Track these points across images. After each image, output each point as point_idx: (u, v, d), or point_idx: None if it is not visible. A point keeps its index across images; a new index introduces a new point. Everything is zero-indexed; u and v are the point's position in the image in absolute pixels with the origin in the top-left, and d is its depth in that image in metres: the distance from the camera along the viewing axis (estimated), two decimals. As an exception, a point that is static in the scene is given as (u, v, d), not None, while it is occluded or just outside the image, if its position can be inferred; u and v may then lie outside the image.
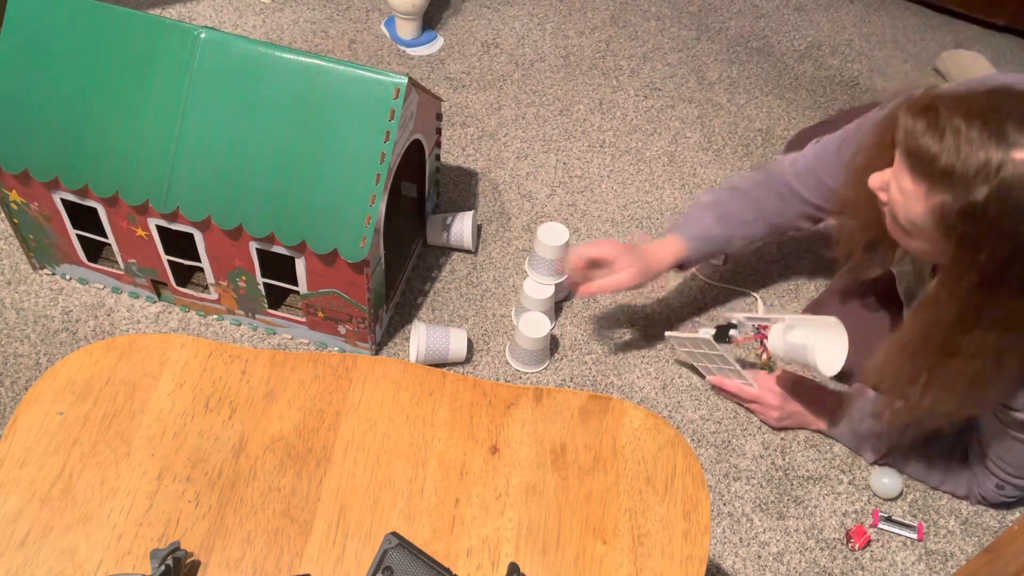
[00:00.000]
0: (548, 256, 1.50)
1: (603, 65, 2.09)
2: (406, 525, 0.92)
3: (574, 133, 1.93)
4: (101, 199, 1.35)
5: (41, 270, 1.57)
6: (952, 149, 0.94)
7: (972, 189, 0.94)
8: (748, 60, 2.15)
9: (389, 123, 1.25)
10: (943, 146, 0.95)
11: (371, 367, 1.04)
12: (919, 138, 0.97)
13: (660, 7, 2.26)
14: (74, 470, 0.92)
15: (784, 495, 1.41)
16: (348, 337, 1.48)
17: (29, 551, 0.87)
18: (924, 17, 2.35)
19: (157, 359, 1.01)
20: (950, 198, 0.96)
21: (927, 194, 0.99)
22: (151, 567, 0.84)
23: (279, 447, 0.97)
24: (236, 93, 1.27)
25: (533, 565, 0.90)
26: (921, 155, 0.97)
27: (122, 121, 1.30)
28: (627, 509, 0.94)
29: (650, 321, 1.62)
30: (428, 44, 2.07)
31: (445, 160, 1.84)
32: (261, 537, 0.90)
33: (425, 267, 1.66)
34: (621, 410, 1.02)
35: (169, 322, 1.53)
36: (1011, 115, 0.93)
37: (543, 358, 1.53)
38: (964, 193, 0.95)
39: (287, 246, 1.31)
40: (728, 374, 1.46)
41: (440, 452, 0.98)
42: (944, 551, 1.37)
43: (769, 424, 1.47)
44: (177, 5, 2.09)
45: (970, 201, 0.94)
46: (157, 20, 1.29)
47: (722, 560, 1.34)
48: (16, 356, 1.46)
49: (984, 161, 0.92)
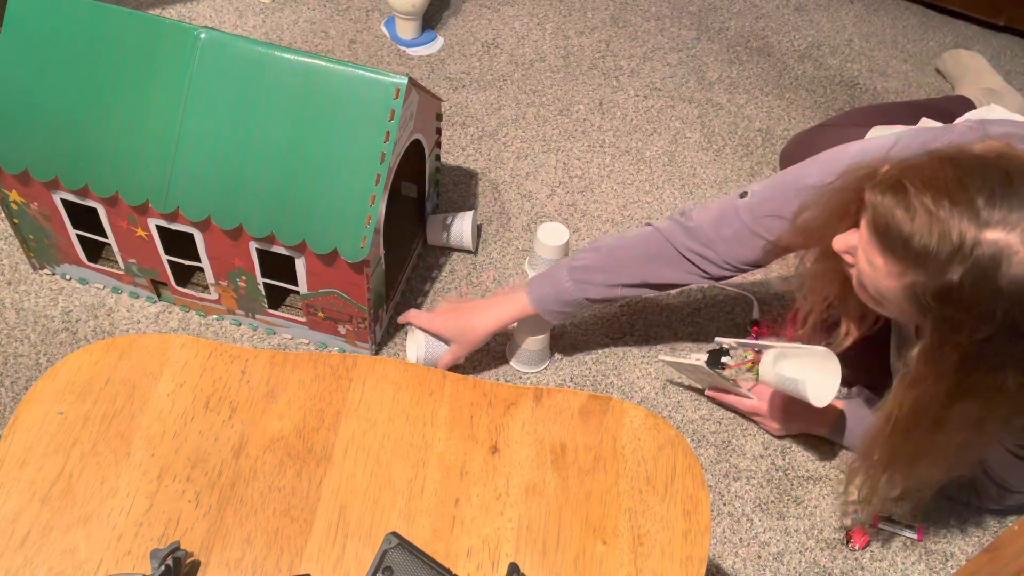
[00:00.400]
0: (548, 256, 1.50)
1: (603, 65, 2.09)
2: (406, 525, 0.92)
3: (574, 133, 1.93)
4: (101, 199, 1.35)
5: (41, 270, 1.57)
6: (925, 230, 0.93)
7: (947, 270, 0.92)
8: (748, 60, 2.15)
9: (389, 123, 1.25)
10: (914, 227, 0.93)
11: (371, 367, 1.04)
12: (889, 218, 0.96)
13: (660, 7, 2.26)
14: (74, 470, 0.92)
15: (784, 495, 1.41)
16: (348, 337, 1.48)
17: (29, 551, 0.87)
18: (924, 17, 2.35)
19: (157, 359, 1.01)
20: (924, 278, 0.95)
21: (900, 273, 0.97)
22: (151, 567, 0.84)
23: (279, 447, 0.97)
24: (236, 93, 1.27)
25: (533, 565, 0.90)
26: (892, 235, 0.96)
27: (122, 121, 1.30)
28: (627, 509, 0.94)
29: (650, 322, 1.62)
30: (428, 44, 2.07)
31: (445, 160, 1.84)
32: (261, 537, 0.90)
33: (425, 267, 1.66)
34: (621, 410, 1.02)
35: (169, 322, 1.53)
36: (980, 190, 0.91)
37: (543, 358, 1.53)
38: (939, 274, 0.93)
39: (287, 246, 1.31)
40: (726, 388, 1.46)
41: (440, 452, 0.98)
42: (944, 551, 1.37)
43: (771, 434, 1.47)
44: (177, 5, 2.09)
45: (945, 281, 0.93)
46: (157, 20, 1.29)
47: (722, 560, 1.34)
48: (16, 356, 1.46)
49: (958, 242, 0.91)
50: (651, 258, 1.32)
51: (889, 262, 0.98)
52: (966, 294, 0.92)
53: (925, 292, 0.95)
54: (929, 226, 0.92)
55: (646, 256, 1.32)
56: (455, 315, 1.39)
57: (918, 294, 0.96)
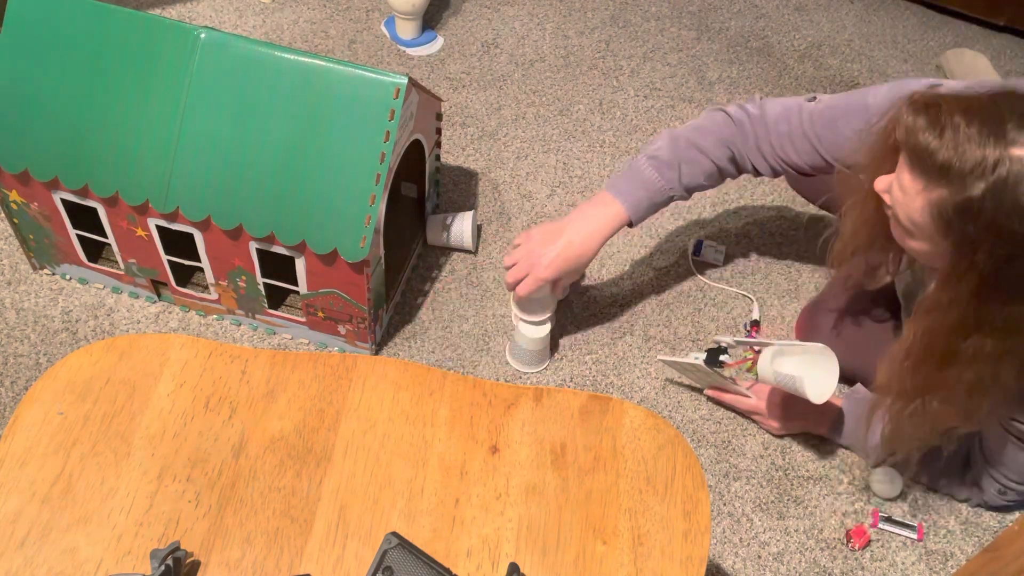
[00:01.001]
0: None
1: (603, 65, 2.09)
2: (406, 525, 0.92)
3: (574, 133, 1.93)
4: (101, 199, 1.35)
5: (41, 270, 1.57)
6: (951, 145, 0.95)
7: (969, 185, 0.94)
8: (748, 60, 2.15)
9: (389, 123, 1.25)
10: (942, 142, 0.95)
11: (371, 367, 1.04)
12: (919, 134, 0.98)
13: (660, 7, 2.26)
14: (74, 470, 0.92)
15: (784, 495, 1.41)
16: (348, 337, 1.48)
17: (29, 551, 0.87)
18: (924, 17, 2.35)
19: (157, 359, 1.01)
20: (947, 193, 0.97)
21: (925, 189, 0.99)
22: (151, 567, 0.84)
23: (279, 447, 0.97)
24: (236, 93, 1.27)
25: (533, 565, 0.90)
26: (920, 151, 0.98)
27: (122, 121, 1.30)
28: (627, 509, 0.94)
29: (650, 321, 1.62)
30: (428, 44, 2.07)
31: (445, 160, 1.84)
32: (261, 537, 0.90)
33: (425, 267, 1.66)
34: (621, 410, 1.02)
35: (169, 322, 1.53)
36: (1012, 114, 0.94)
37: (543, 358, 1.53)
38: (961, 189, 0.95)
39: (287, 246, 1.31)
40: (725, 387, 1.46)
41: (440, 452, 0.98)
42: (944, 551, 1.37)
43: (771, 433, 1.47)
44: (177, 5, 2.09)
45: (967, 197, 0.95)
46: (157, 20, 1.29)
47: (722, 560, 1.34)
48: (16, 356, 1.46)
49: (981, 158, 0.93)
50: (722, 142, 1.35)
51: (916, 178, 1.00)
52: (987, 210, 0.93)
53: (948, 207, 0.97)
54: (955, 142, 0.94)
55: (718, 141, 1.35)
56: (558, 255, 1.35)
57: (942, 210, 0.97)
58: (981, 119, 0.94)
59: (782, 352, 1.28)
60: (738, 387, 1.43)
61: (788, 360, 1.27)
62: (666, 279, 1.69)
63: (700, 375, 1.46)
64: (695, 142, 1.36)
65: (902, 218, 1.06)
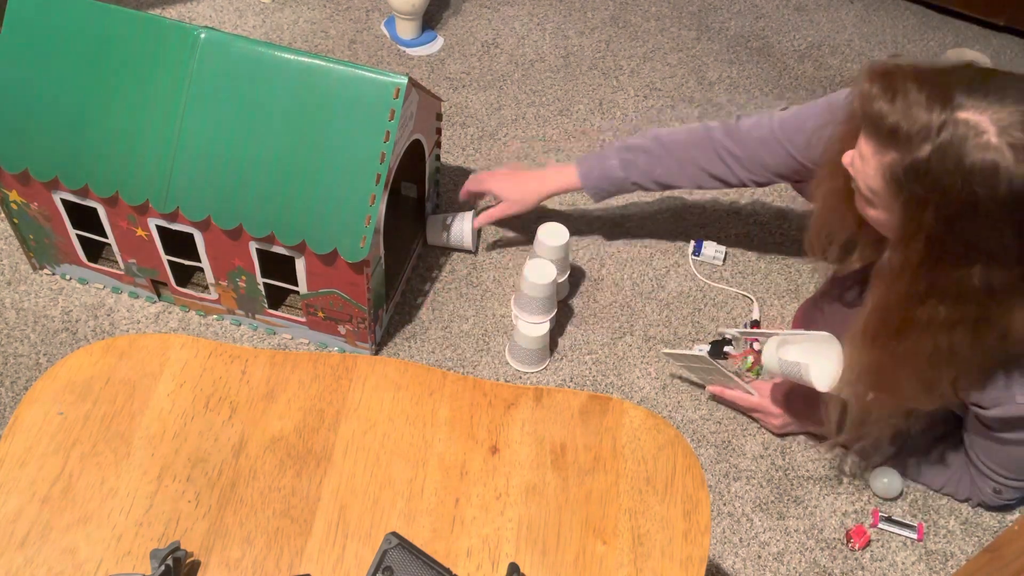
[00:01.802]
0: (548, 256, 1.50)
1: (603, 65, 2.09)
2: (406, 525, 0.92)
3: (574, 133, 1.93)
4: (101, 199, 1.35)
5: (41, 270, 1.57)
6: (901, 109, 0.99)
7: (916, 147, 0.98)
8: (748, 60, 2.15)
9: (389, 123, 1.25)
10: (893, 107, 1.00)
11: (371, 367, 1.04)
12: (873, 101, 1.02)
13: (660, 7, 2.26)
14: (74, 470, 0.92)
15: (784, 495, 1.41)
16: (348, 337, 1.48)
17: (29, 551, 0.87)
18: (924, 17, 2.35)
19: (157, 359, 1.01)
20: (898, 156, 1.01)
21: (878, 153, 1.03)
22: (151, 567, 0.84)
23: (279, 447, 0.97)
24: (236, 93, 1.27)
25: (533, 565, 0.90)
26: (873, 116, 1.02)
27: (122, 121, 1.30)
28: (627, 509, 0.94)
29: (650, 321, 1.62)
30: (428, 44, 2.07)
31: (445, 160, 1.84)
32: (261, 537, 0.90)
33: (425, 267, 1.66)
34: (621, 410, 1.02)
35: (169, 322, 1.53)
36: (960, 82, 0.98)
37: (543, 358, 1.53)
38: (909, 151, 0.99)
39: (287, 246, 1.31)
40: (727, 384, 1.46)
41: (440, 452, 0.98)
42: (944, 551, 1.37)
43: (771, 431, 1.47)
44: (177, 5, 2.09)
45: (915, 158, 0.99)
46: (157, 20, 1.29)
47: (722, 560, 1.34)
48: (16, 356, 1.46)
49: (928, 121, 0.97)
50: (692, 147, 1.47)
51: (870, 143, 1.04)
52: (933, 170, 0.98)
53: (898, 169, 1.01)
54: (905, 106, 0.99)
55: (687, 145, 1.47)
56: (510, 176, 1.60)
57: (894, 172, 1.02)
58: (931, 85, 0.99)
59: (787, 341, 1.29)
60: (739, 382, 1.43)
61: (793, 348, 1.27)
62: (666, 279, 1.69)
63: (702, 369, 1.46)
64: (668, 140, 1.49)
65: (862, 186, 1.09)
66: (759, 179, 1.45)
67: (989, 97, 0.96)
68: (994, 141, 0.95)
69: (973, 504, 1.41)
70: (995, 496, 1.34)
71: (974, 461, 1.32)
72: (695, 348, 1.42)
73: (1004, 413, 1.16)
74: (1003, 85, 0.98)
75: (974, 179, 0.96)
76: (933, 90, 0.98)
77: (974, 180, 0.96)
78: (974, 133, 0.95)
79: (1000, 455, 1.27)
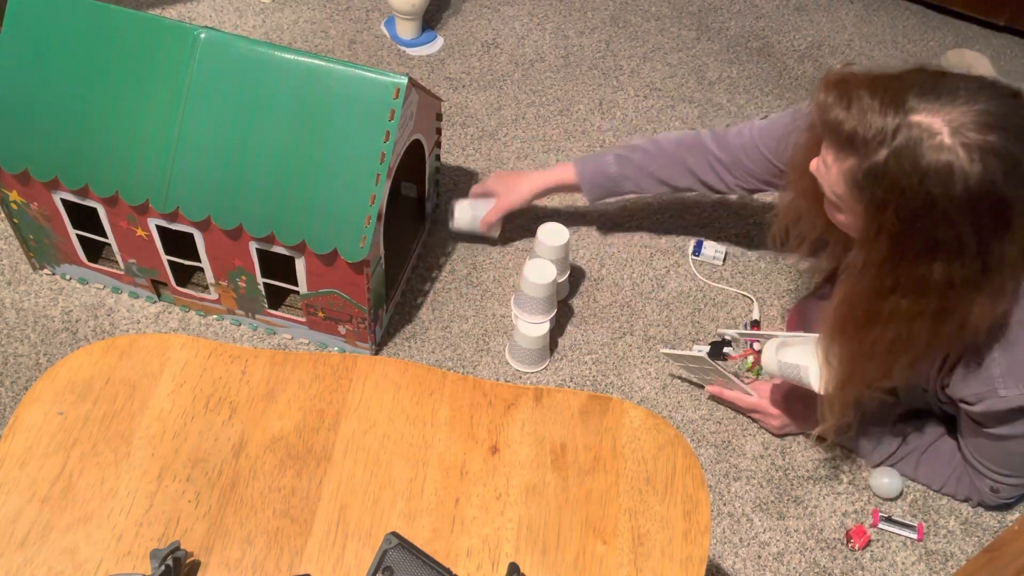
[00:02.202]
0: (548, 256, 1.50)
1: (603, 65, 2.09)
2: (406, 525, 0.92)
3: (574, 133, 1.93)
4: (101, 199, 1.35)
5: (41, 270, 1.57)
6: (856, 116, 1.02)
7: (873, 151, 1.01)
8: (748, 60, 2.15)
9: (389, 123, 1.25)
10: (849, 114, 1.03)
11: (371, 367, 1.04)
12: (830, 110, 1.05)
13: (660, 7, 2.26)
14: (74, 470, 0.92)
15: (784, 495, 1.41)
16: (348, 337, 1.48)
17: (29, 551, 0.87)
18: (924, 17, 2.35)
19: (157, 359, 1.01)
20: (856, 161, 1.04)
21: (837, 160, 1.06)
22: (151, 567, 0.84)
23: (279, 447, 0.97)
24: (236, 93, 1.27)
25: (533, 565, 0.90)
26: (831, 124, 1.05)
27: (122, 121, 1.30)
28: (627, 509, 0.94)
29: (649, 321, 1.62)
30: (428, 44, 2.07)
31: (445, 160, 1.84)
32: (261, 537, 0.90)
33: (425, 267, 1.66)
34: (621, 410, 1.02)
35: (169, 322, 1.53)
36: (913, 85, 1.01)
37: (543, 358, 1.53)
38: (867, 156, 1.02)
39: (287, 246, 1.31)
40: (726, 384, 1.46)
41: (440, 452, 0.98)
42: (944, 551, 1.37)
43: (771, 432, 1.47)
44: (177, 5, 2.09)
45: (872, 162, 1.02)
46: (157, 20, 1.29)
47: (722, 560, 1.34)
48: (16, 356, 1.46)
49: (883, 126, 1.00)
50: (685, 149, 1.51)
51: (832, 151, 1.07)
52: (891, 173, 1.01)
53: (858, 174, 1.04)
54: (860, 113, 1.02)
55: (680, 147, 1.52)
56: (504, 176, 1.66)
57: (854, 177, 1.05)
58: (884, 90, 1.02)
59: (786, 343, 1.29)
60: (738, 383, 1.43)
61: (792, 350, 1.27)
62: (666, 279, 1.69)
63: (701, 370, 1.46)
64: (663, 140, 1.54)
65: (828, 192, 1.12)
66: (746, 185, 1.49)
67: (941, 99, 0.99)
68: (947, 142, 0.97)
69: (973, 504, 1.41)
70: (993, 495, 1.34)
71: (970, 460, 1.32)
72: (694, 348, 1.42)
73: (989, 408, 1.18)
74: (954, 86, 1.00)
75: (930, 180, 0.98)
76: (886, 95, 1.01)
77: (930, 181, 0.98)
78: (928, 135, 0.98)
79: (993, 451, 1.28)
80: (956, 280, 1.04)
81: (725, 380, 1.44)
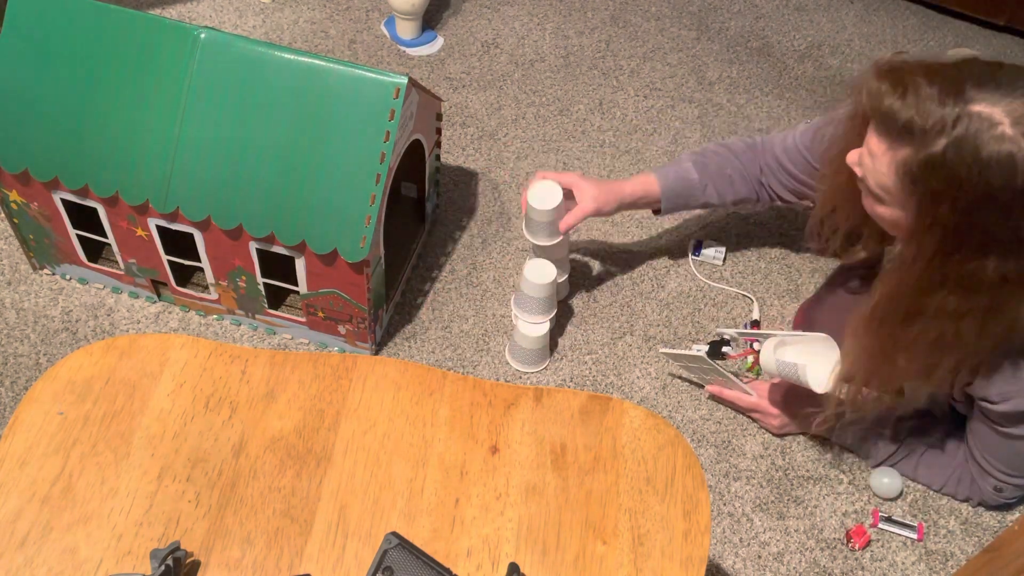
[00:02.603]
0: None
1: (603, 65, 2.09)
2: (406, 525, 0.92)
3: (574, 133, 1.93)
4: (101, 199, 1.35)
5: (41, 270, 1.57)
6: (913, 105, 1.00)
7: (931, 142, 0.99)
8: (748, 60, 2.15)
9: (389, 123, 1.25)
10: (905, 103, 1.00)
11: (371, 367, 1.04)
12: (884, 98, 1.02)
13: (660, 7, 2.26)
14: (74, 470, 0.92)
15: (784, 495, 1.41)
16: (348, 337, 1.48)
17: (29, 551, 0.87)
18: (924, 17, 2.35)
19: (157, 359, 1.01)
20: (912, 151, 1.01)
21: (891, 150, 1.03)
22: (151, 567, 0.84)
23: (279, 447, 0.97)
24: (236, 93, 1.27)
25: (533, 565, 0.90)
26: (884, 113, 1.02)
27: (122, 121, 1.30)
28: (627, 509, 0.94)
29: (649, 321, 1.62)
30: (428, 44, 2.07)
31: (445, 160, 1.84)
32: (261, 537, 0.90)
33: (425, 267, 1.66)
34: (621, 410, 1.02)
35: (169, 322, 1.53)
36: (971, 76, 0.99)
37: (543, 358, 1.53)
38: (924, 146, 0.99)
39: (287, 246, 1.31)
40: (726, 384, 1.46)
41: (440, 452, 0.98)
42: (944, 551, 1.37)
43: (770, 431, 1.47)
44: (177, 5, 2.09)
45: (930, 153, 0.99)
46: (157, 20, 1.29)
47: (722, 560, 1.34)
48: (16, 356, 1.46)
49: (942, 115, 0.98)
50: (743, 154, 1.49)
51: (882, 141, 1.04)
52: (949, 164, 0.98)
53: (913, 165, 1.01)
54: (917, 102, 0.99)
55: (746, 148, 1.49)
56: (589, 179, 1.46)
57: (908, 168, 1.02)
58: (941, 79, 0.99)
59: (785, 342, 1.29)
60: (738, 382, 1.43)
61: (790, 349, 1.27)
62: (666, 279, 1.69)
63: (701, 369, 1.46)
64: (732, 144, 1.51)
65: (872, 184, 1.09)
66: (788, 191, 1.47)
67: (1001, 89, 0.97)
68: (1009, 132, 0.95)
69: (973, 504, 1.41)
70: (996, 495, 1.34)
71: (976, 458, 1.32)
72: (693, 348, 1.42)
73: (1014, 407, 1.16)
74: (1013, 77, 0.99)
75: (991, 171, 0.96)
76: (944, 84, 0.99)
77: (991, 172, 0.96)
78: (988, 125, 0.96)
79: (1004, 451, 1.27)
80: (1010, 276, 1.02)
81: (724, 380, 1.44)
